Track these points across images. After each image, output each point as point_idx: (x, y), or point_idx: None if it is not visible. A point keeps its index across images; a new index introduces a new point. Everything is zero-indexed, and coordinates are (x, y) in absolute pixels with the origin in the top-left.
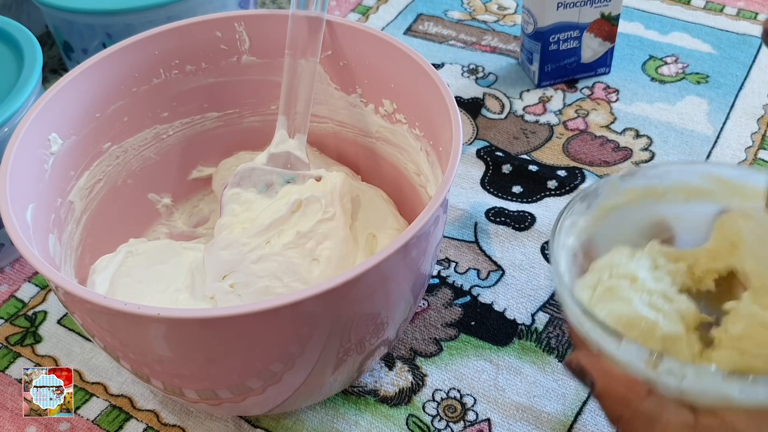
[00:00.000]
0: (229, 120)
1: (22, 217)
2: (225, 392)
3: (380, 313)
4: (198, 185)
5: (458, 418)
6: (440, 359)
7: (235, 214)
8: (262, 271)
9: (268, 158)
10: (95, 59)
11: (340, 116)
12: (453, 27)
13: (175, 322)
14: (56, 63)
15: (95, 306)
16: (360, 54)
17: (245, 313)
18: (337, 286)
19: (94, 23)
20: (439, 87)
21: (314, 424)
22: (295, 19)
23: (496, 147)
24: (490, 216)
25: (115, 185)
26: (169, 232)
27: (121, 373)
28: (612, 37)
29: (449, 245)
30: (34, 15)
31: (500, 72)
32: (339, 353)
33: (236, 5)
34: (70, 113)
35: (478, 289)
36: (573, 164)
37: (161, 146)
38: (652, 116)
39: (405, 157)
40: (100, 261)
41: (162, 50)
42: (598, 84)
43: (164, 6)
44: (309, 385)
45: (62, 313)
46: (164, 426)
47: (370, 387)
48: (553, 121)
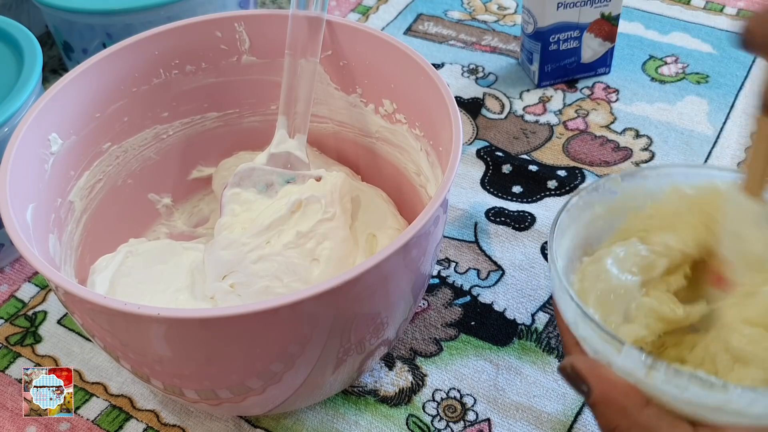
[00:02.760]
0: (229, 120)
1: (22, 217)
2: (225, 392)
3: (380, 313)
4: (198, 185)
5: (458, 418)
6: (440, 359)
7: (235, 214)
8: (262, 271)
9: (268, 158)
10: (95, 59)
11: (340, 116)
12: (453, 27)
13: (175, 322)
14: (56, 63)
15: (95, 306)
16: (360, 54)
17: (245, 313)
18: (337, 286)
19: (94, 23)
20: (439, 87)
21: (314, 424)
22: (295, 19)
23: (496, 147)
24: (490, 216)
25: (115, 185)
26: (169, 232)
27: (121, 373)
28: (612, 37)
29: (449, 245)
30: (34, 15)
31: (500, 72)
32: (339, 353)
33: (236, 5)
34: (70, 113)
35: (478, 289)
36: (573, 164)
37: (161, 146)
38: (652, 116)
39: (405, 157)
40: (100, 261)
41: (162, 50)
42: (598, 84)
43: (164, 6)
44: (309, 385)
45: (62, 313)
46: (164, 426)
47: (370, 387)
48: (553, 121)
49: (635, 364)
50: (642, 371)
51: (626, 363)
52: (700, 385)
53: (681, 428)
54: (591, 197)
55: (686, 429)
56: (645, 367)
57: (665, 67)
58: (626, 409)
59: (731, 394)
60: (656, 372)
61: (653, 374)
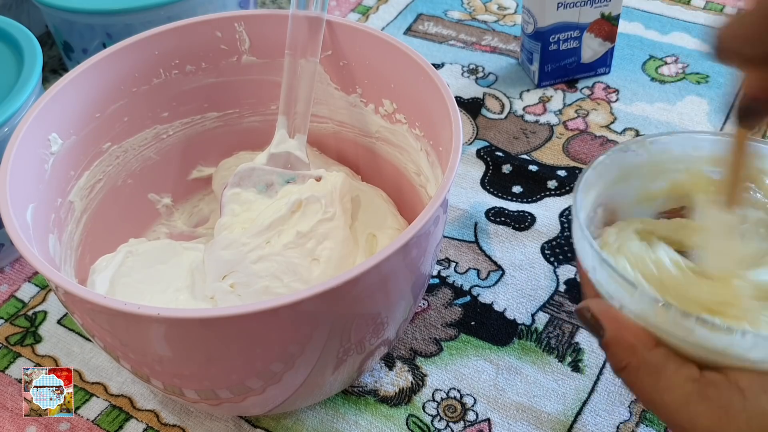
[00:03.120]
0: (229, 120)
1: (22, 217)
2: (225, 392)
3: (380, 313)
4: (198, 185)
5: (458, 418)
6: (440, 359)
7: (235, 214)
8: (262, 271)
9: (268, 158)
10: (95, 59)
11: (340, 116)
12: (453, 27)
13: (175, 322)
14: (56, 63)
15: (95, 306)
16: (360, 54)
17: (245, 313)
18: (337, 286)
19: (94, 23)
20: (439, 87)
21: (314, 424)
22: (295, 19)
23: (496, 147)
24: (490, 216)
25: (115, 185)
26: (169, 232)
27: (121, 373)
28: (612, 37)
29: (449, 245)
30: (34, 15)
31: (500, 72)
32: (339, 353)
33: (236, 5)
34: (70, 113)
35: (478, 289)
36: (573, 164)
37: (161, 146)
38: (652, 116)
39: (405, 157)
40: (100, 261)
41: (162, 50)
42: (598, 84)
43: (164, 6)
44: (309, 385)
45: (62, 313)
46: (164, 426)
47: (370, 387)
48: (553, 121)
49: (646, 306)
50: (652, 313)
51: (638, 305)
52: (705, 327)
53: (687, 369)
54: (618, 157)
55: (692, 370)
56: (655, 309)
57: (665, 67)
58: (636, 348)
59: (734, 337)
60: (665, 313)
61: (662, 316)
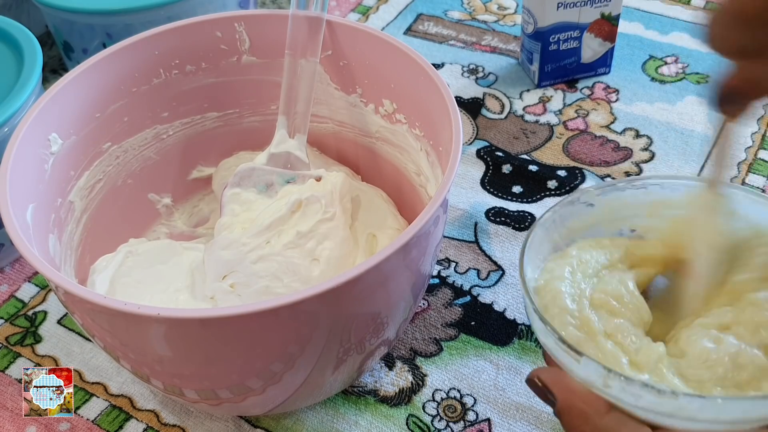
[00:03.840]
0: (229, 120)
1: (22, 217)
2: (225, 392)
3: (380, 313)
4: (198, 185)
5: (458, 418)
6: (440, 359)
7: (235, 214)
8: (262, 271)
9: (268, 158)
10: (95, 59)
11: (340, 116)
12: (453, 27)
13: (175, 322)
14: (56, 63)
15: (95, 306)
16: (360, 54)
17: (245, 313)
18: (337, 286)
19: (94, 23)
20: (439, 87)
21: (314, 424)
22: (295, 19)
23: (496, 147)
24: (490, 216)
25: (115, 185)
26: (169, 232)
27: (121, 373)
28: (612, 37)
29: (449, 245)
30: (34, 15)
31: (500, 72)
32: (339, 353)
33: (236, 5)
34: (70, 113)
35: (478, 289)
36: (573, 164)
37: (161, 146)
38: (652, 116)
39: (405, 157)
40: (100, 261)
41: (162, 50)
42: (598, 84)
43: (164, 6)
44: (309, 385)
45: (62, 313)
46: (164, 426)
47: (370, 387)
48: (553, 121)
49: (593, 375)
50: (599, 381)
51: (585, 373)
52: (651, 393)
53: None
54: (566, 211)
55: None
56: (602, 377)
57: (665, 67)
58: (588, 416)
59: (681, 401)
60: (611, 381)
61: (609, 383)
